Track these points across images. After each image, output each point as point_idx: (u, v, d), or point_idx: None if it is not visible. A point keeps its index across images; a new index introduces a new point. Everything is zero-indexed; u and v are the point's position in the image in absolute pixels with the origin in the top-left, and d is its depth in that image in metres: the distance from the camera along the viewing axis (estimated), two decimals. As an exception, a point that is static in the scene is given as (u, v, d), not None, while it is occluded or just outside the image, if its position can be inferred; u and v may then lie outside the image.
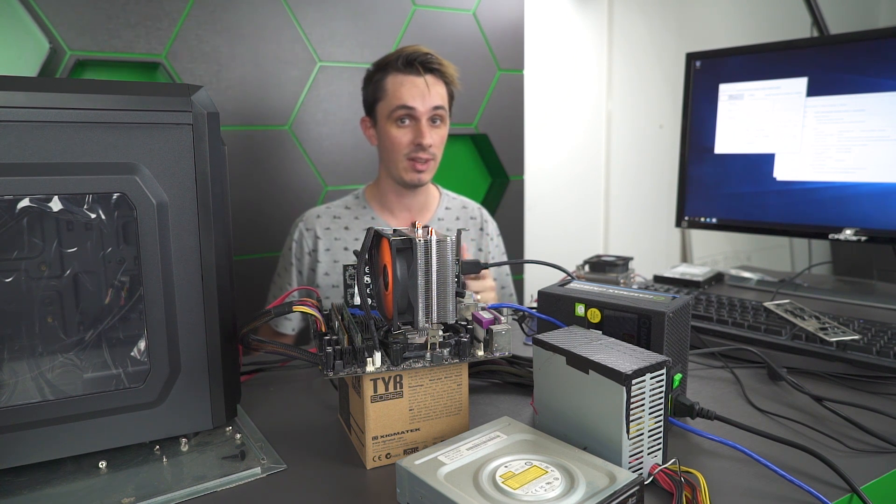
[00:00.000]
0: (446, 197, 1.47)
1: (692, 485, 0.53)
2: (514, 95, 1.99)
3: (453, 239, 0.61)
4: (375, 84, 1.32)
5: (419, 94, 1.28)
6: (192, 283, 0.63)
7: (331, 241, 1.35)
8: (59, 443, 0.59)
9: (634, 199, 2.54)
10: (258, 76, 1.56)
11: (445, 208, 1.45)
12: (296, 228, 1.38)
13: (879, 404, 0.73)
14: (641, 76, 2.47)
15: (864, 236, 1.18)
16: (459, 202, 1.49)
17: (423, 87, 1.28)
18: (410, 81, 1.28)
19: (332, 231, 1.36)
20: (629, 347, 0.59)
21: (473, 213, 1.49)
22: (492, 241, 1.50)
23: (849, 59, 1.17)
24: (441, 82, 1.32)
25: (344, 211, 1.39)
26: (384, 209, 1.39)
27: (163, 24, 1.43)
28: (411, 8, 1.76)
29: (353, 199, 1.41)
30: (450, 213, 1.45)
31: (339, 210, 1.39)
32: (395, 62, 1.29)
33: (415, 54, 1.29)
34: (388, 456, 0.63)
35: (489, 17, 1.90)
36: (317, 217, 1.37)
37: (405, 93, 1.28)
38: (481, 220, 1.49)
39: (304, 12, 1.60)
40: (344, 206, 1.40)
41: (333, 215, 1.38)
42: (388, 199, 1.39)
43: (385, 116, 1.31)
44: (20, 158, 0.55)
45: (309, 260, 1.35)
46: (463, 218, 1.47)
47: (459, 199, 1.50)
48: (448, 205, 1.46)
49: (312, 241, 1.35)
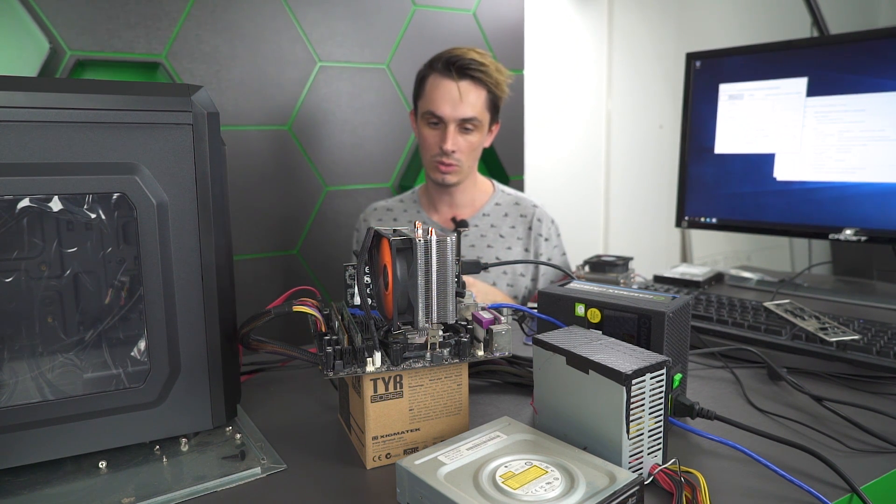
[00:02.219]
0: (500, 193, 1.46)
1: (692, 485, 0.53)
2: (514, 95, 1.99)
3: (453, 239, 0.61)
4: (420, 80, 1.35)
5: (450, 101, 1.29)
6: (192, 283, 0.63)
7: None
8: (59, 443, 0.59)
9: (634, 199, 2.54)
10: (258, 76, 1.56)
11: (495, 204, 1.44)
12: (360, 217, 1.50)
13: (879, 404, 0.73)
14: (641, 76, 2.47)
15: (864, 236, 1.18)
16: (513, 198, 1.46)
17: (455, 93, 1.29)
18: (444, 87, 1.29)
19: (383, 222, 1.42)
20: (629, 347, 0.59)
21: (525, 210, 1.44)
22: (546, 242, 1.44)
23: (849, 59, 1.17)
24: (481, 88, 1.31)
25: (397, 204, 1.47)
26: (430, 205, 1.44)
27: (163, 24, 1.43)
28: (411, 8, 1.76)
29: (409, 194, 1.49)
30: (498, 210, 1.43)
31: (393, 203, 1.47)
32: (437, 62, 1.31)
33: (454, 58, 1.29)
34: (388, 456, 0.63)
35: (489, 17, 1.90)
36: (374, 209, 1.47)
37: (437, 98, 1.30)
38: (532, 219, 1.43)
39: (304, 12, 1.60)
40: (399, 199, 1.48)
41: (387, 207, 1.46)
42: (432, 195, 1.43)
43: (420, 116, 1.36)
44: (20, 158, 0.55)
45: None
46: (511, 214, 1.43)
47: (514, 194, 1.47)
48: (499, 200, 1.44)
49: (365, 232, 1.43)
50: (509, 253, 1.42)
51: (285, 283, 1.64)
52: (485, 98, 1.32)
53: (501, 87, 1.35)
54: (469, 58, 1.29)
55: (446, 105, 1.29)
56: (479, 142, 1.36)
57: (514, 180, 2.01)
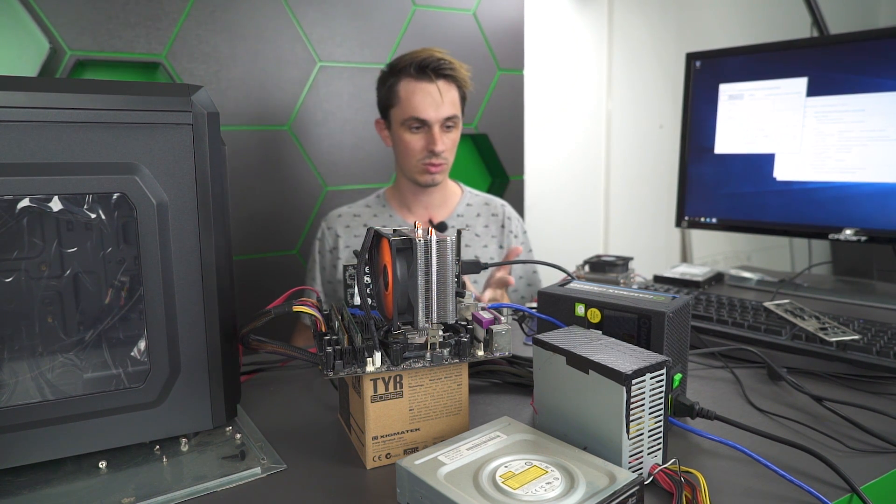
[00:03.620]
0: (468, 194, 1.49)
1: (692, 485, 0.53)
2: (514, 95, 1.99)
3: (453, 239, 0.61)
4: (389, 88, 1.34)
5: (432, 103, 1.30)
6: (192, 283, 0.63)
7: (350, 238, 1.40)
8: (59, 443, 0.59)
9: (634, 199, 2.54)
10: (258, 76, 1.56)
11: (466, 205, 1.47)
12: (320, 227, 1.44)
13: (879, 404, 0.73)
14: (641, 76, 2.47)
15: (864, 236, 1.18)
16: (482, 199, 1.50)
17: (436, 95, 1.30)
18: (423, 89, 1.30)
19: (351, 228, 1.40)
20: (629, 347, 0.59)
21: (495, 209, 1.50)
22: (516, 239, 1.50)
23: (849, 59, 1.17)
24: (453, 86, 1.34)
25: (364, 209, 1.44)
26: (402, 207, 1.43)
27: (163, 24, 1.43)
28: (411, 8, 1.76)
29: (375, 198, 1.46)
30: (470, 210, 1.47)
31: (359, 209, 1.44)
32: (408, 68, 1.30)
33: (428, 60, 1.30)
34: (388, 456, 0.63)
35: (489, 17, 1.90)
36: (338, 216, 1.43)
37: (418, 103, 1.30)
38: (503, 217, 1.50)
39: (304, 12, 1.60)
40: (365, 204, 1.45)
41: (354, 213, 1.43)
42: (407, 198, 1.42)
43: (399, 123, 1.34)
44: (20, 158, 0.55)
45: (330, 257, 1.41)
46: (484, 214, 1.48)
47: (482, 196, 1.51)
48: (469, 201, 1.48)
49: (333, 239, 1.40)
50: (486, 251, 1.46)
51: (285, 283, 1.64)
52: (458, 95, 1.35)
53: (468, 83, 1.38)
54: (439, 58, 1.31)
55: (429, 108, 1.30)
56: (459, 137, 1.39)
57: (514, 180, 2.01)
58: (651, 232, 2.59)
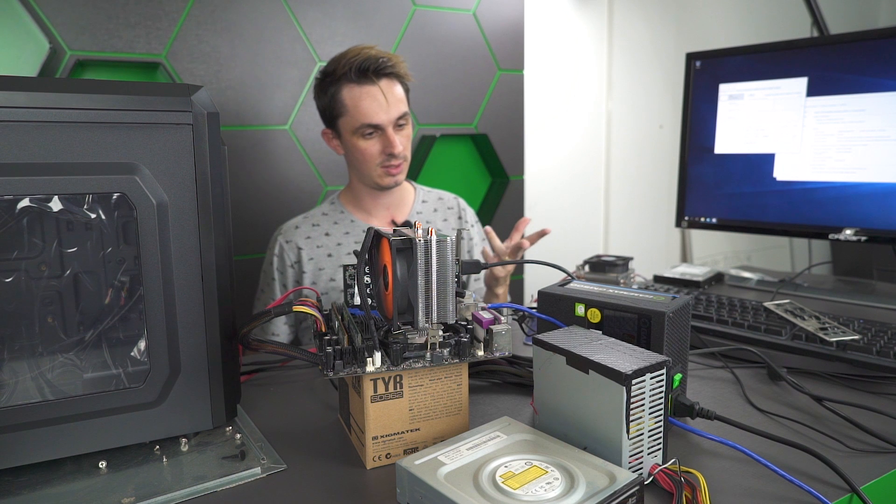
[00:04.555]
0: (421, 191, 1.46)
1: (692, 485, 0.53)
2: (514, 95, 1.99)
3: (453, 239, 0.61)
4: (332, 98, 1.28)
5: (380, 106, 1.25)
6: (192, 283, 0.63)
7: (313, 249, 1.33)
8: (59, 443, 0.59)
9: (634, 199, 2.54)
10: (258, 76, 1.56)
11: (422, 202, 1.45)
12: (275, 243, 1.34)
13: (879, 404, 0.73)
14: (641, 76, 2.47)
15: (864, 236, 1.18)
16: (435, 195, 1.48)
17: (382, 97, 1.25)
18: (368, 94, 1.24)
19: (313, 240, 1.33)
20: (629, 347, 0.59)
21: (450, 203, 1.49)
22: (472, 229, 1.50)
23: (849, 59, 1.17)
24: (396, 83, 1.28)
25: (322, 218, 1.36)
26: (361, 211, 1.38)
27: (163, 24, 1.43)
28: (411, 8, 1.76)
29: (329, 205, 1.39)
30: (427, 206, 1.45)
31: (316, 218, 1.36)
32: (347, 73, 1.24)
33: (367, 62, 1.24)
34: (388, 456, 0.63)
35: (489, 17, 1.90)
36: (295, 228, 1.34)
37: (366, 108, 1.24)
38: (459, 209, 1.49)
39: (304, 12, 1.60)
40: (321, 213, 1.37)
41: (312, 223, 1.35)
42: (364, 202, 1.37)
43: (350, 132, 1.28)
44: (20, 158, 0.55)
45: (293, 272, 1.33)
46: (440, 209, 1.47)
47: (434, 191, 1.49)
48: (424, 198, 1.46)
49: (295, 254, 1.32)
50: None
51: (285, 283, 1.64)
52: (402, 90, 1.30)
53: (409, 76, 1.32)
54: (378, 57, 1.25)
55: (379, 111, 1.25)
56: (412, 133, 1.35)
57: (514, 180, 2.01)
58: (651, 232, 2.59)
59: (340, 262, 1.33)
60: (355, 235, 1.35)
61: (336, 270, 1.32)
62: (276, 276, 1.34)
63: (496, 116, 1.95)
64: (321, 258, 1.33)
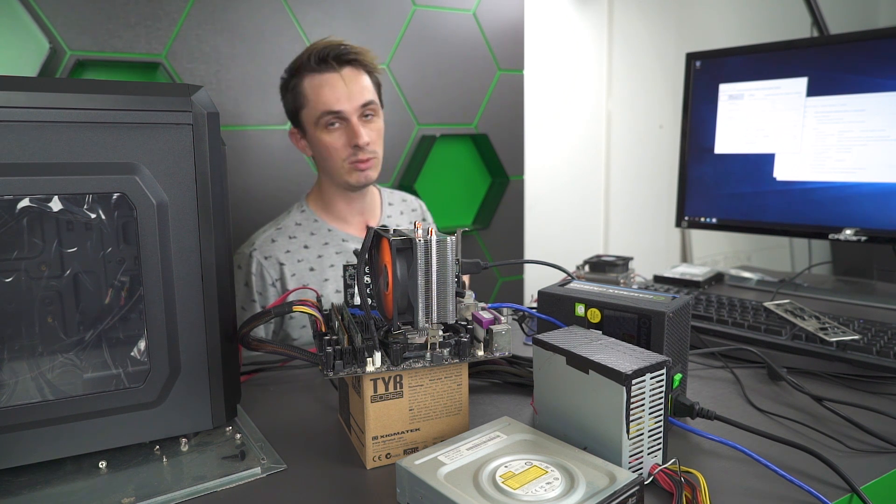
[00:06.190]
0: (385, 193, 1.42)
1: (692, 485, 0.53)
2: (514, 95, 1.99)
3: (453, 239, 0.61)
4: (293, 91, 1.23)
5: (342, 93, 1.18)
6: (192, 283, 0.63)
7: (294, 264, 1.24)
8: (59, 443, 0.59)
9: (634, 199, 2.54)
10: (258, 76, 1.56)
11: (389, 204, 1.40)
12: (251, 260, 1.23)
13: (879, 404, 0.73)
14: (641, 76, 2.47)
15: (864, 236, 1.18)
16: (398, 196, 1.44)
17: (342, 84, 1.18)
18: (328, 81, 1.18)
19: (293, 254, 1.24)
20: (629, 347, 0.59)
21: (413, 204, 1.46)
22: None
23: (849, 59, 1.17)
24: (361, 72, 1.22)
25: (296, 228, 1.27)
26: (336, 218, 1.30)
27: (163, 24, 1.43)
28: (411, 8, 1.76)
29: (300, 212, 1.30)
30: (394, 209, 1.41)
31: (290, 229, 1.27)
32: (307, 63, 1.19)
33: (326, 49, 1.19)
34: (388, 456, 0.63)
35: (489, 17, 1.90)
36: (272, 242, 1.24)
37: (327, 95, 1.18)
38: (422, 212, 1.47)
39: (304, 12, 1.60)
40: (294, 222, 1.28)
41: (288, 235, 1.26)
42: (337, 208, 1.30)
43: (312, 124, 1.21)
44: (20, 158, 0.55)
45: (275, 291, 1.23)
46: (406, 211, 1.44)
47: (397, 193, 1.45)
48: (390, 200, 1.41)
49: (277, 271, 1.23)
50: None
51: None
52: (370, 80, 1.23)
53: (377, 68, 1.27)
54: (339, 44, 1.20)
55: (342, 98, 1.17)
56: (383, 127, 1.27)
57: (514, 180, 2.01)
58: (651, 232, 2.59)
59: (324, 277, 1.26)
60: (335, 245, 1.28)
61: (321, 285, 1.25)
62: (256, 296, 1.23)
63: (496, 116, 1.95)
64: (303, 273, 1.25)
